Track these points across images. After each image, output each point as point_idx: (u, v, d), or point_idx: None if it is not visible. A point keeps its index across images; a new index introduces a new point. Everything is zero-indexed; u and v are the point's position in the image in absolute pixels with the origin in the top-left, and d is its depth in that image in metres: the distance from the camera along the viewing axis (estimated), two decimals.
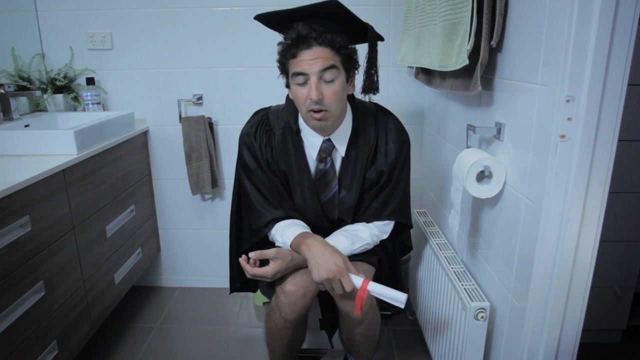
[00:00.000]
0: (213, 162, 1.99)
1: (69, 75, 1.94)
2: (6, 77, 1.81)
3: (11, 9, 1.84)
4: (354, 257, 1.30)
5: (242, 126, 1.36)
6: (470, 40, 1.08)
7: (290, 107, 1.30)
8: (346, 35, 1.19)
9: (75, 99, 1.95)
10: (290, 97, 1.24)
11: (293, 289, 1.22)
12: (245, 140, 1.32)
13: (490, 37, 1.08)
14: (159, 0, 1.87)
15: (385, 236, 1.35)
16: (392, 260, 1.44)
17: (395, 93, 1.96)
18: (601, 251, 0.97)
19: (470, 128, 1.20)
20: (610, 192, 0.93)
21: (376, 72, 1.25)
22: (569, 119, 0.87)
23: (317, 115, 1.17)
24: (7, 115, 1.70)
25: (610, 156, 0.89)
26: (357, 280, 1.11)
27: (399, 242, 1.48)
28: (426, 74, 1.58)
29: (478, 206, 1.30)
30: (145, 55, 1.94)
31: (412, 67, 1.77)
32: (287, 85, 1.24)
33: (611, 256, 1.60)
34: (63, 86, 1.93)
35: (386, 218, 1.32)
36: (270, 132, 1.31)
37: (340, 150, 1.29)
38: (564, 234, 0.93)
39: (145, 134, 2.01)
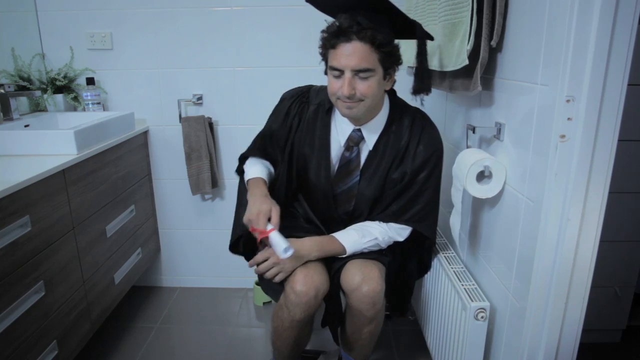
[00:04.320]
0: (213, 162, 1.99)
1: (69, 75, 1.94)
2: (6, 77, 1.81)
3: (11, 9, 1.84)
4: (367, 255, 1.30)
5: (242, 126, 1.37)
6: (470, 40, 1.08)
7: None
8: (392, 29, 1.17)
9: (75, 99, 1.95)
10: None
11: (304, 289, 1.20)
12: (284, 98, 1.37)
13: (490, 37, 1.08)
14: (159, 0, 1.87)
15: (401, 239, 1.33)
16: (405, 277, 1.40)
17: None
18: (601, 251, 0.97)
19: (470, 128, 1.20)
20: (610, 192, 0.93)
21: (427, 71, 1.23)
22: (569, 119, 0.87)
23: (348, 105, 1.18)
24: (7, 115, 1.70)
25: (610, 156, 0.89)
26: (269, 227, 1.21)
27: (418, 261, 1.42)
28: None
29: (478, 206, 1.30)
30: (145, 56, 1.94)
31: (412, 67, 1.77)
32: (325, 72, 1.23)
33: (611, 256, 1.60)
34: (63, 86, 1.93)
35: (404, 222, 1.30)
36: (306, 105, 1.33)
37: (369, 142, 1.28)
38: (564, 234, 0.93)
39: (145, 134, 2.01)
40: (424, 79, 1.24)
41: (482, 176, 1.16)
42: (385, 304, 1.34)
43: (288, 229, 1.30)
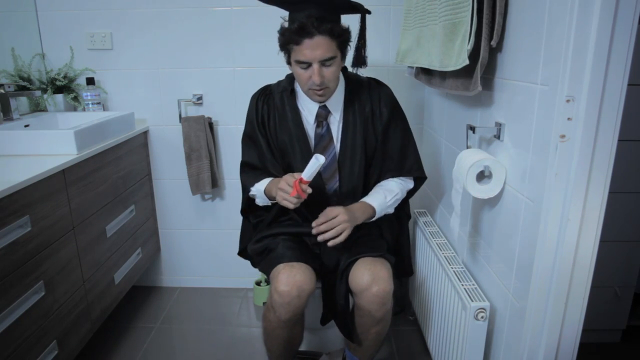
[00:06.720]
0: (213, 162, 1.99)
1: (69, 75, 1.94)
2: (6, 77, 1.81)
3: (11, 9, 1.84)
4: (375, 254, 1.30)
5: (242, 126, 1.39)
6: (470, 40, 1.08)
7: (288, 77, 1.46)
8: (339, 15, 1.30)
9: (75, 99, 1.95)
10: (291, 70, 1.36)
11: (287, 289, 1.21)
12: (251, 101, 1.46)
13: (490, 37, 1.08)
14: (159, 0, 1.87)
15: (412, 185, 1.47)
16: (402, 233, 1.55)
17: (395, 93, 1.95)
18: (601, 251, 0.97)
19: (470, 128, 1.20)
20: (610, 192, 0.93)
21: (364, 45, 1.41)
22: (569, 119, 0.87)
23: (320, 92, 1.31)
24: (7, 115, 1.70)
25: (610, 156, 0.89)
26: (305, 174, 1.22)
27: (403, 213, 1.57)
28: (426, 74, 1.58)
29: (478, 206, 1.30)
30: (145, 56, 1.94)
31: (412, 67, 1.77)
32: (288, 62, 1.33)
33: (611, 256, 1.60)
34: (63, 86, 1.93)
35: (407, 174, 1.45)
36: (270, 96, 1.44)
37: (335, 114, 1.40)
38: (564, 234, 0.93)
39: (145, 134, 2.01)
40: (361, 53, 1.42)
41: (482, 176, 1.16)
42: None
43: (291, 227, 1.40)
